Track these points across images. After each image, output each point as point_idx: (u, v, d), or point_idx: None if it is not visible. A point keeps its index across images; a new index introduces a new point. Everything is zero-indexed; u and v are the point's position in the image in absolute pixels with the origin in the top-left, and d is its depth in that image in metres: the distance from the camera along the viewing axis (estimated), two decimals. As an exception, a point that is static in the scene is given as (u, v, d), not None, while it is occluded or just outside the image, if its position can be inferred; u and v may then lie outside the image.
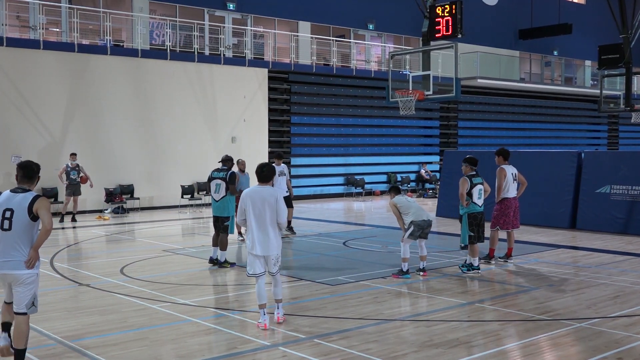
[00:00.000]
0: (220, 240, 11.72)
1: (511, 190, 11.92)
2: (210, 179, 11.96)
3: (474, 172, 11.09)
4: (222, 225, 11.71)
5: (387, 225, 17.86)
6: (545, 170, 17.53)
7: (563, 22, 34.16)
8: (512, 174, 11.97)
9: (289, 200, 14.64)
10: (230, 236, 11.98)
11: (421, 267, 10.75)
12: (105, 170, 21.52)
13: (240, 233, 14.97)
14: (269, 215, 7.59)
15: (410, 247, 10.62)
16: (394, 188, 10.90)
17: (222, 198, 11.73)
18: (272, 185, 7.97)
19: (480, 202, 11.00)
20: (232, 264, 11.75)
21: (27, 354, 6.70)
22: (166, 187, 22.86)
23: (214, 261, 11.80)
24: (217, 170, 11.95)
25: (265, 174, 7.76)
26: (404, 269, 10.55)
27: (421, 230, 10.47)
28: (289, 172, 15.80)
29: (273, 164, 12.20)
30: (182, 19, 24.25)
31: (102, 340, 7.24)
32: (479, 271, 10.88)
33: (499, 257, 12.05)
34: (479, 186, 10.96)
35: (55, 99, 20.73)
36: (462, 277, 10.72)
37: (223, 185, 11.73)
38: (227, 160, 12.05)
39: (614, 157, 18.17)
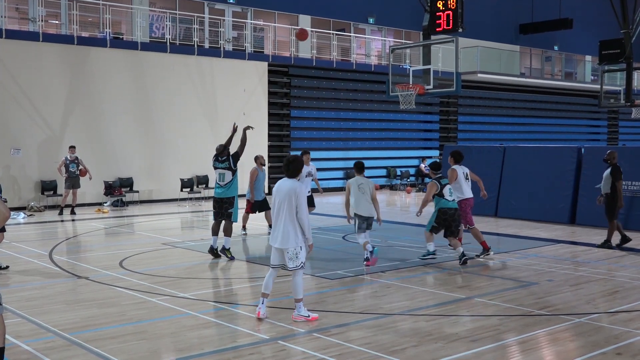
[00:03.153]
0: (225, 227, 11.76)
1: (467, 191, 12.33)
2: (215, 168, 12.05)
3: (440, 175, 11.67)
4: (226, 212, 11.73)
5: (386, 219, 17.82)
6: (545, 166, 17.52)
7: (564, 16, 34.10)
8: (463, 173, 12.45)
9: (311, 200, 14.67)
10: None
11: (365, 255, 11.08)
12: (105, 163, 21.49)
13: (244, 227, 14.93)
14: (288, 210, 7.57)
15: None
16: (356, 165, 11.53)
17: (227, 183, 11.83)
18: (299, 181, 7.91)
19: (451, 198, 11.48)
20: (232, 258, 11.71)
21: (26, 347, 6.71)
22: (165, 180, 22.84)
23: (214, 250, 11.79)
24: (219, 160, 11.97)
25: (291, 169, 7.73)
26: (366, 255, 10.98)
27: (365, 221, 10.94)
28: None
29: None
30: (181, 11, 24.18)
31: (101, 334, 7.23)
32: (435, 256, 11.53)
33: (476, 255, 12.01)
34: (448, 186, 11.57)
35: (54, 92, 20.69)
36: (461, 272, 10.73)
37: (228, 173, 11.81)
38: (222, 150, 12.08)
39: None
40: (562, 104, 37.67)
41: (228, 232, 11.75)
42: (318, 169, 16.11)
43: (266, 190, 15.24)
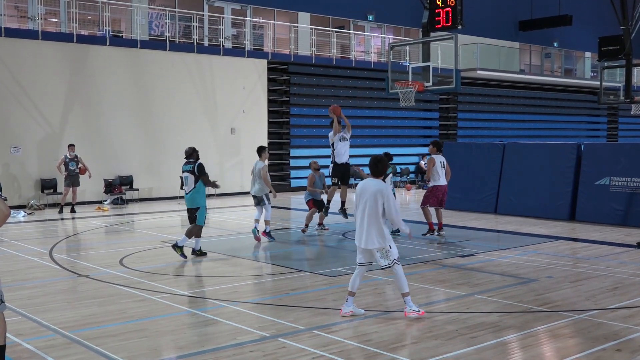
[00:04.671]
0: (189, 229, 11.69)
1: (441, 179, 13.99)
2: (182, 172, 12.01)
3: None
4: (193, 215, 11.72)
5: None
6: (545, 162, 17.52)
7: (563, 13, 34.06)
8: (440, 162, 14.06)
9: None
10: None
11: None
12: (105, 161, 21.49)
13: (320, 224, 14.99)
14: (374, 210, 7.53)
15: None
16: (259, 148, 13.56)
17: (191, 190, 11.66)
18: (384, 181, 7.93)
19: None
20: (184, 256, 11.50)
21: (26, 345, 6.72)
22: (165, 178, 22.84)
23: (196, 252, 11.76)
24: (186, 163, 11.86)
25: (379, 168, 7.73)
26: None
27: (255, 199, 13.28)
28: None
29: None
30: (181, 9, 24.17)
31: (102, 331, 7.24)
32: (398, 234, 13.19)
33: (436, 232, 14.04)
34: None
35: (54, 90, 20.68)
36: (461, 269, 10.73)
37: (191, 177, 11.65)
38: (191, 154, 11.88)
39: (613, 149, 18.15)
40: (562, 100, 37.67)
41: (190, 234, 11.64)
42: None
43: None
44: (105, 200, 21.16)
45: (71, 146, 19.16)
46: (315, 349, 6.56)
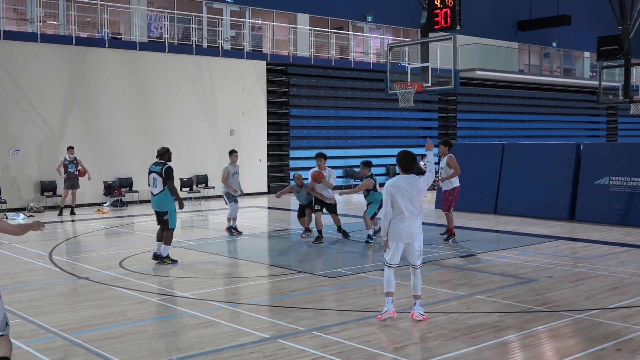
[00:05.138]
0: (164, 235, 11.21)
1: (455, 180, 13.56)
2: (149, 172, 11.40)
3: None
4: (162, 220, 11.22)
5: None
6: (544, 162, 17.53)
7: (562, 13, 34.08)
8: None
9: (333, 207, 13.78)
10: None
11: None
12: (104, 164, 21.49)
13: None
14: (418, 204, 7.57)
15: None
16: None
17: (159, 193, 11.16)
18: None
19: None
20: (174, 262, 11.24)
21: (26, 348, 6.73)
22: (165, 180, 22.79)
23: (157, 256, 11.29)
24: (155, 164, 11.35)
25: (410, 164, 7.75)
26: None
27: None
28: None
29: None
30: (180, 11, 24.17)
31: (101, 334, 7.24)
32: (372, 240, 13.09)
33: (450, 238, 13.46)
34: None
35: (53, 92, 20.68)
36: (460, 269, 10.73)
37: (159, 179, 11.13)
38: (163, 154, 11.39)
39: (612, 148, 18.16)
40: (561, 100, 37.68)
41: (167, 241, 11.21)
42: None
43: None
44: (105, 202, 21.16)
45: (70, 148, 19.16)
46: (315, 350, 6.56)
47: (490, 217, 17.57)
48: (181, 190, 22.56)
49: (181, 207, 11.55)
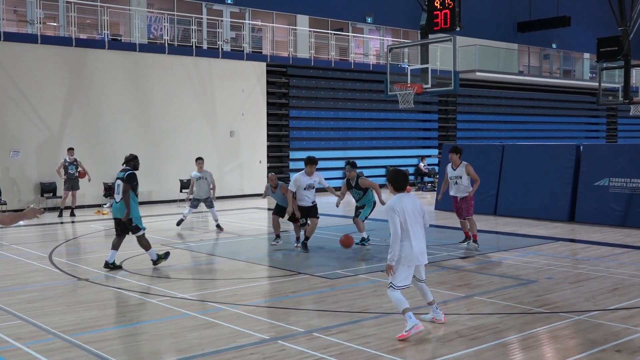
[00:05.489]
0: (141, 244, 10.96)
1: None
2: (115, 179, 11.19)
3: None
4: (129, 227, 10.87)
5: (385, 218, 17.83)
6: (544, 163, 17.53)
7: (562, 14, 34.11)
8: None
9: (314, 210, 13.00)
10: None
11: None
12: (104, 165, 21.49)
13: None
14: (422, 223, 7.46)
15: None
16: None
17: (122, 199, 10.84)
18: None
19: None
20: (167, 254, 11.24)
21: (26, 349, 6.73)
22: (164, 181, 22.84)
23: (109, 265, 10.88)
24: (121, 170, 11.15)
25: (404, 183, 7.64)
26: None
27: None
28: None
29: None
30: (179, 12, 24.19)
31: (101, 335, 7.24)
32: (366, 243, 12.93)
33: (471, 242, 12.86)
34: None
35: (53, 94, 20.69)
36: (460, 271, 10.74)
37: (122, 185, 10.89)
38: (129, 160, 11.16)
39: (612, 149, 18.17)
40: (561, 101, 37.68)
41: (146, 247, 10.95)
42: (317, 169, 15.52)
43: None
44: (105, 204, 21.16)
45: (70, 150, 19.17)
46: (315, 352, 6.56)
47: (490, 218, 17.57)
48: (181, 191, 22.56)
49: (126, 217, 10.77)
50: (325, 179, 14.33)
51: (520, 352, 6.63)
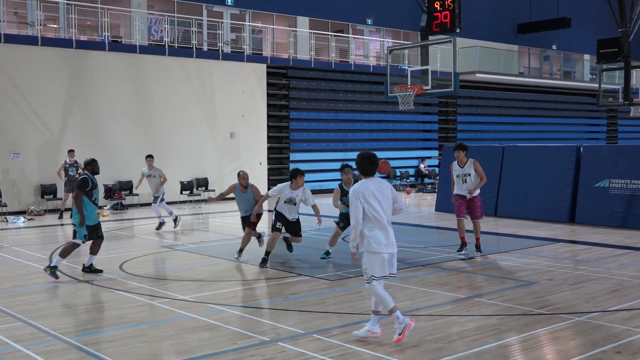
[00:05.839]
0: (66, 249, 10.52)
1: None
2: None
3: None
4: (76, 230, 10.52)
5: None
6: (544, 165, 17.53)
7: (562, 16, 34.13)
8: None
9: (297, 227, 11.81)
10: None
11: None
12: (104, 167, 21.21)
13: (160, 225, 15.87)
14: (389, 209, 6.94)
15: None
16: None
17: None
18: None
19: None
20: (99, 271, 10.63)
21: (26, 351, 6.73)
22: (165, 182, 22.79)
23: (85, 269, 10.74)
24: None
25: (369, 167, 6.96)
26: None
27: None
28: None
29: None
30: (180, 14, 24.20)
31: (102, 337, 7.24)
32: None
33: (467, 248, 12.41)
34: None
35: (53, 95, 20.70)
36: (461, 272, 10.73)
37: (74, 192, 10.58)
38: (86, 165, 10.73)
39: (612, 151, 18.17)
40: (561, 103, 37.70)
41: (64, 254, 10.41)
42: (317, 171, 14.92)
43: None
44: (105, 206, 21.16)
45: (71, 152, 19.17)
46: (315, 353, 6.56)
47: (490, 220, 17.55)
48: (181, 193, 22.56)
49: (82, 224, 10.38)
50: (325, 180, 14.07)
51: (520, 353, 6.63)
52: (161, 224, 16.20)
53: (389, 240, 6.89)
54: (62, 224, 17.84)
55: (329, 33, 28.11)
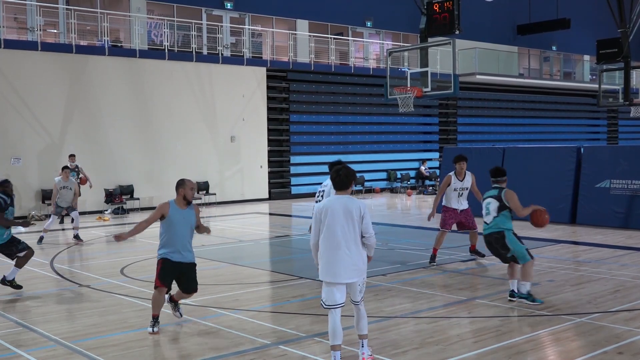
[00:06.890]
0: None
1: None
2: None
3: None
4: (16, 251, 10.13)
5: (387, 222, 17.86)
6: (545, 166, 17.52)
7: (561, 17, 34.15)
8: None
9: None
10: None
11: None
12: (105, 171, 21.51)
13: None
14: (354, 232, 6.07)
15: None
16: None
17: None
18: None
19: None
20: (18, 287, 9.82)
21: (27, 356, 6.72)
22: (166, 187, 22.81)
23: (5, 282, 9.82)
24: None
25: (342, 179, 6.17)
26: None
27: None
28: None
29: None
30: (179, 18, 24.23)
31: (103, 341, 7.23)
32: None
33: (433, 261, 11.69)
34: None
35: (53, 100, 20.72)
36: (462, 274, 10.73)
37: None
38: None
39: (613, 151, 18.16)
40: (561, 103, 37.71)
41: (20, 264, 9.98)
42: (317, 173, 14.74)
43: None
44: (106, 210, 21.17)
45: (72, 156, 19.17)
46: (317, 356, 6.55)
47: (492, 221, 17.53)
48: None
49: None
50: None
51: (522, 354, 6.62)
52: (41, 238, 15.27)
53: (334, 267, 6.09)
54: (62, 229, 17.85)
55: (329, 36, 28.14)
